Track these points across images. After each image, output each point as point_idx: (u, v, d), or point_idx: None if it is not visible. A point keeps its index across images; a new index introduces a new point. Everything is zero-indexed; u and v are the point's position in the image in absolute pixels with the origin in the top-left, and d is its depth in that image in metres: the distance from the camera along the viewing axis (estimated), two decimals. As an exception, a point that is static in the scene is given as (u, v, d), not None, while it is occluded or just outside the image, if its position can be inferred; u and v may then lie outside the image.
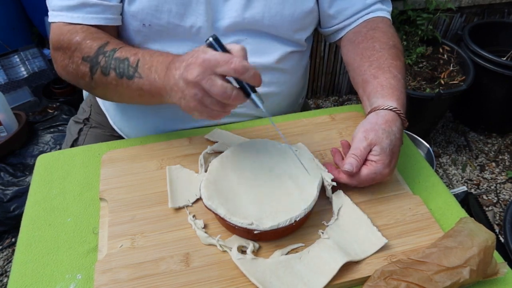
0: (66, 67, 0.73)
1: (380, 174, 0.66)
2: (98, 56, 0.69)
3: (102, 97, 0.75)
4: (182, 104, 0.61)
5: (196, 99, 0.58)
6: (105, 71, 0.68)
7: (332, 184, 0.67)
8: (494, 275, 0.58)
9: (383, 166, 0.66)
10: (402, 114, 0.71)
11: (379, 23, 0.86)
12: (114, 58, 0.68)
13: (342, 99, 2.36)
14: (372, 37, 0.83)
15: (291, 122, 0.85)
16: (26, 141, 1.66)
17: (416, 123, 1.91)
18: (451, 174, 1.92)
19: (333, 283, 0.56)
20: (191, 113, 0.61)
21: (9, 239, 1.61)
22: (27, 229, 0.67)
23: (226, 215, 0.60)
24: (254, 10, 0.78)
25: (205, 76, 0.56)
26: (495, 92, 1.93)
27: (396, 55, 0.80)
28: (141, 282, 0.57)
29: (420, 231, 0.64)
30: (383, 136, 0.67)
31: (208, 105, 0.58)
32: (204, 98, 0.58)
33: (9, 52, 1.99)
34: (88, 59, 0.69)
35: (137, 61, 0.67)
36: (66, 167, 0.77)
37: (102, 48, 0.69)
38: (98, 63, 0.68)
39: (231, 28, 0.79)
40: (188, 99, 0.58)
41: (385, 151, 0.66)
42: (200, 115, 0.60)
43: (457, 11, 2.07)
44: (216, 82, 0.56)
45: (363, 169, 0.66)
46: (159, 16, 0.74)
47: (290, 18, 0.81)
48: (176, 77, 0.59)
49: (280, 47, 0.85)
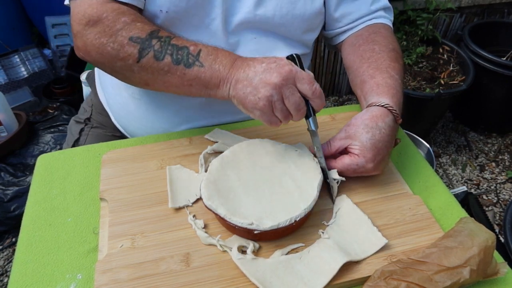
0: (102, 46, 0.68)
1: (363, 167, 0.68)
2: (151, 40, 0.66)
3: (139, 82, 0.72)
4: (248, 100, 0.62)
5: (269, 100, 0.61)
6: (159, 56, 0.66)
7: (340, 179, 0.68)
8: (494, 275, 0.58)
9: (365, 160, 0.67)
10: (394, 110, 0.71)
11: (381, 28, 0.87)
12: (171, 44, 0.66)
13: (342, 99, 2.36)
14: (373, 40, 0.84)
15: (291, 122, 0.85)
16: (26, 141, 1.66)
17: (416, 123, 1.91)
18: (451, 174, 1.92)
19: (333, 283, 0.56)
20: (252, 110, 0.63)
21: (10, 239, 1.61)
22: (28, 229, 0.67)
23: (226, 215, 0.60)
24: (266, 8, 0.79)
25: (288, 83, 0.61)
26: (495, 92, 1.93)
27: (395, 57, 0.81)
28: (141, 282, 0.57)
29: (420, 231, 0.64)
30: (363, 130, 0.68)
31: (276, 110, 0.62)
32: (277, 103, 0.61)
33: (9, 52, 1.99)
34: (139, 40, 0.66)
35: (198, 51, 0.66)
36: (67, 167, 0.77)
37: (156, 32, 0.67)
38: (152, 46, 0.66)
39: (242, 24, 0.79)
40: (260, 97, 0.61)
41: (365, 145, 0.67)
42: (261, 116, 0.63)
43: (457, 11, 2.07)
44: (296, 93, 0.61)
45: (346, 158, 0.69)
46: (177, 3, 0.74)
47: (301, 18, 0.81)
48: (250, 73, 0.62)
49: (288, 49, 0.85)
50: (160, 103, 0.86)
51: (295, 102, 0.61)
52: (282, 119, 0.63)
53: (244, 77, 0.63)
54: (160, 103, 0.86)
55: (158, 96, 0.85)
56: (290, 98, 0.61)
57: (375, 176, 0.73)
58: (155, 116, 0.88)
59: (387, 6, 0.91)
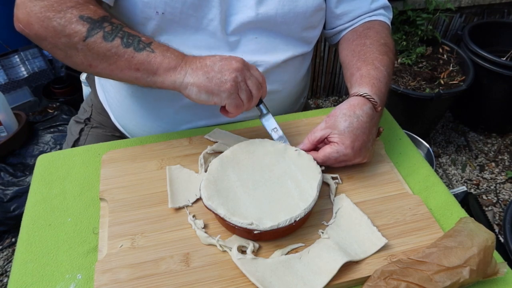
0: (48, 19, 0.66)
1: (344, 155, 0.70)
2: (103, 22, 0.67)
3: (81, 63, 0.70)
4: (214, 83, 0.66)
5: (235, 81, 0.66)
6: (108, 37, 0.66)
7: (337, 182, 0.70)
8: (494, 275, 0.58)
9: (344, 146, 0.69)
10: (372, 99, 0.73)
11: (376, 24, 0.89)
12: (123, 31, 0.67)
13: (342, 99, 2.36)
14: (365, 35, 0.86)
15: (291, 122, 0.85)
16: (26, 141, 1.66)
17: (416, 123, 1.91)
18: (451, 174, 1.92)
19: (333, 283, 0.56)
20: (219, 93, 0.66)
21: (9, 239, 1.61)
22: (27, 229, 0.67)
23: (226, 215, 0.60)
24: (268, 7, 0.78)
25: (246, 68, 0.69)
26: (495, 92, 1.93)
27: (384, 51, 0.82)
28: (141, 282, 0.57)
29: (420, 231, 0.64)
30: (341, 119, 0.71)
31: (241, 91, 0.67)
32: (242, 83, 0.67)
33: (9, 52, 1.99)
34: (89, 20, 0.66)
35: (150, 41, 0.68)
36: (66, 167, 0.77)
37: (109, 18, 0.68)
38: (102, 28, 0.66)
39: (244, 24, 0.79)
40: (227, 79, 0.66)
41: (343, 133, 0.70)
42: (228, 98, 0.67)
43: (456, 11, 2.07)
44: (254, 78, 0.69)
45: (326, 147, 0.71)
46: (173, 5, 0.74)
47: (303, 15, 0.82)
48: (209, 62, 0.67)
49: (289, 48, 0.85)
50: (160, 103, 0.86)
51: (256, 82, 0.69)
52: (245, 100, 0.68)
53: (203, 66, 0.67)
54: (160, 103, 0.86)
55: (158, 96, 0.85)
56: (251, 78, 0.69)
57: (375, 176, 0.73)
58: (155, 116, 0.88)
59: (386, 5, 0.92)
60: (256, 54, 0.82)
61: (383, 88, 0.76)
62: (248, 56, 0.81)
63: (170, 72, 0.67)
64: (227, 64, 0.67)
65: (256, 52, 0.82)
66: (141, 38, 0.68)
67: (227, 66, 0.67)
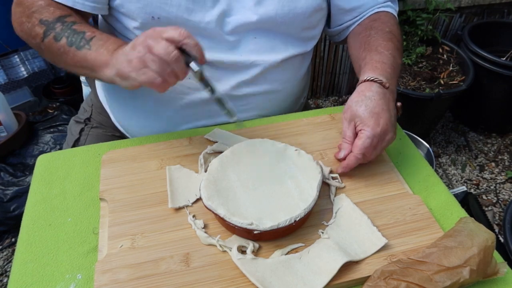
0: (22, 24, 0.74)
1: (374, 136, 0.69)
2: (56, 23, 0.71)
3: (50, 60, 0.78)
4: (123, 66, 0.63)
5: (138, 56, 0.61)
6: (57, 37, 0.70)
7: (338, 186, 0.70)
8: (494, 275, 0.58)
9: (371, 128, 0.69)
10: (376, 79, 0.73)
11: (381, 15, 0.89)
12: (71, 29, 0.70)
13: (342, 99, 2.36)
14: (371, 27, 0.86)
15: (291, 122, 0.85)
16: (26, 141, 1.66)
17: (415, 123, 1.91)
18: (451, 174, 1.92)
19: (333, 283, 0.56)
20: (130, 75, 0.63)
21: (9, 239, 1.61)
22: (27, 229, 0.67)
23: (226, 215, 0.60)
24: (267, 7, 0.78)
25: (151, 37, 0.61)
26: (495, 92, 1.93)
27: (388, 38, 0.82)
28: (141, 282, 0.57)
29: (420, 231, 0.64)
30: (357, 107, 0.71)
31: (148, 62, 0.61)
32: (146, 56, 0.60)
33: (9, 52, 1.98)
34: (46, 22, 0.71)
35: (92, 37, 0.70)
36: (66, 167, 0.77)
37: (63, 18, 0.72)
38: (54, 29, 0.71)
39: (242, 25, 0.79)
40: (131, 58, 0.62)
41: (365, 117, 0.69)
42: (140, 76, 0.62)
43: (456, 11, 2.07)
44: (161, 41, 0.60)
45: (357, 141, 0.70)
46: (168, 9, 0.74)
47: (302, 16, 0.81)
48: (127, 48, 0.64)
49: (287, 47, 0.85)
50: (159, 102, 0.86)
51: (162, 47, 0.60)
52: (158, 70, 0.61)
53: (122, 53, 0.65)
54: (159, 102, 0.86)
55: (158, 95, 0.85)
56: (156, 46, 0.60)
57: (375, 176, 0.73)
58: (155, 115, 0.88)
59: None
60: (255, 54, 0.82)
61: (388, 68, 0.76)
62: (247, 56, 0.81)
63: (103, 68, 0.67)
64: (134, 43, 0.63)
65: (255, 52, 0.82)
66: (85, 34, 0.70)
67: (134, 44, 0.63)
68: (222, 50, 0.80)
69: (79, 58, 0.69)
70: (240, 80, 0.84)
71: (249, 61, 0.82)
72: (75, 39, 0.69)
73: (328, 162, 0.76)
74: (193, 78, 0.66)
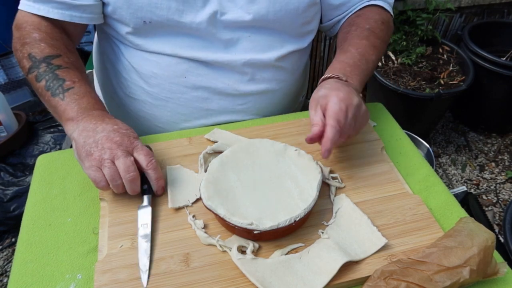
0: (16, 50, 0.77)
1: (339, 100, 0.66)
2: (41, 62, 0.73)
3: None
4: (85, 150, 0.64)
5: (100, 155, 0.62)
6: (38, 78, 0.73)
7: (338, 186, 0.69)
8: (494, 275, 0.58)
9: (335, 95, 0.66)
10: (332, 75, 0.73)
11: (367, 10, 0.88)
12: (53, 73, 0.72)
13: (342, 99, 2.35)
14: (353, 23, 0.86)
15: (291, 122, 0.85)
16: (26, 141, 1.66)
17: (415, 123, 1.91)
18: (451, 174, 1.92)
19: (333, 283, 0.56)
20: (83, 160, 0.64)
21: (9, 239, 1.61)
22: (27, 229, 0.67)
23: (226, 215, 0.60)
24: (259, 5, 0.78)
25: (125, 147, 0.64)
26: (495, 92, 1.93)
27: (364, 36, 0.82)
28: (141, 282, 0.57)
29: (420, 231, 0.64)
30: (317, 92, 0.70)
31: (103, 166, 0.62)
32: (107, 161, 0.62)
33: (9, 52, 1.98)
34: (33, 59, 0.73)
35: (70, 88, 0.71)
36: (66, 167, 0.77)
37: (50, 58, 0.74)
38: (38, 68, 0.73)
39: (235, 24, 0.79)
40: (92, 151, 0.63)
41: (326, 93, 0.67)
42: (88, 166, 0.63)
43: (456, 11, 2.07)
44: (129, 157, 0.63)
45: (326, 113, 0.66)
46: (158, 13, 0.75)
47: (295, 12, 0.81)
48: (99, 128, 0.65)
49: (282, 45, 0.85)
50: (157, 102, 0.86)
51: (125, 163, 0.62)
52: (109, 178, 0.62)
53: (90, 129, 0.65)
54: (157, 102, 0.86)
55: (156, 95, 0.85)
56: (121, 159, 0.62)
57: (375, 176, 0.73)
58: (153, 116, 0.88)
59: None
60: (250, 53, 0.82)
61: (348, 67, 0.76)
62: (242, 55, 0.81)
63: (68, 122, 0.69)
64: (111, 136, 0.64)
65: (250, 51, 0.82)
66: (65, 82, 0.71)
67: (109, 137, 0.64)
68: (216, 50, 0.80)
69: (51, 104, 0.72)
70: (237, 79, 0.84)
71: (245, 60, 0.82)
72: (53, 85, 0.71)
73: (328, 162, 0.76)
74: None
